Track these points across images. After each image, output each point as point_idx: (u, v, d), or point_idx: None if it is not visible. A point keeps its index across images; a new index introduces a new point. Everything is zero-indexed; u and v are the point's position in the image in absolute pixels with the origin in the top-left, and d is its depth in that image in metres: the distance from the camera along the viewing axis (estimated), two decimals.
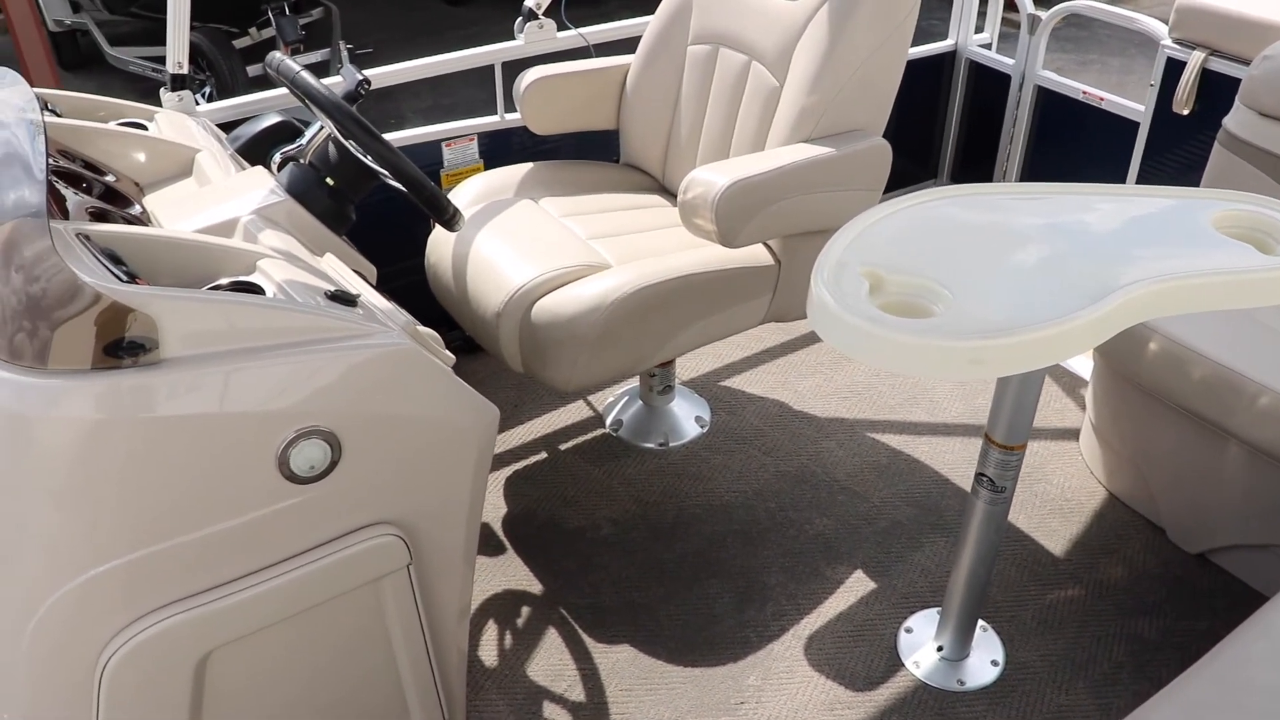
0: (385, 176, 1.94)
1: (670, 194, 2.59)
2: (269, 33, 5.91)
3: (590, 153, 3.00)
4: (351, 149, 1.93)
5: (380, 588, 1.66)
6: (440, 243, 2.35)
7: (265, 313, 1.44)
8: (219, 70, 5.56)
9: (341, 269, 1.75)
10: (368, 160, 1.94)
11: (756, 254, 2.28)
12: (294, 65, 1.84)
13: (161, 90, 2.46)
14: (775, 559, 2.40)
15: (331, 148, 1.96)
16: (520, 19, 2.79)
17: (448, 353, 1.66)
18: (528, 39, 2.79)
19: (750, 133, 2.37)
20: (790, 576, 2.35)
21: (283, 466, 1.47)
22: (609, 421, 2.81)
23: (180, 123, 2.25)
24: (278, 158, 2.30)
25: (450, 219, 1.88)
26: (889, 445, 2.74)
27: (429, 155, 2.80)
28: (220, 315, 1.41)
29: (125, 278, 1.42)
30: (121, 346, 1.36)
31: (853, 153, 2.20)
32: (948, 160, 3.89)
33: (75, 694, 1.51)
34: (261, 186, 1.90)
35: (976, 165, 3.82)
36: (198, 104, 2.51)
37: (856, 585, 2.33)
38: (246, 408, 1.42)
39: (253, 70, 5.62)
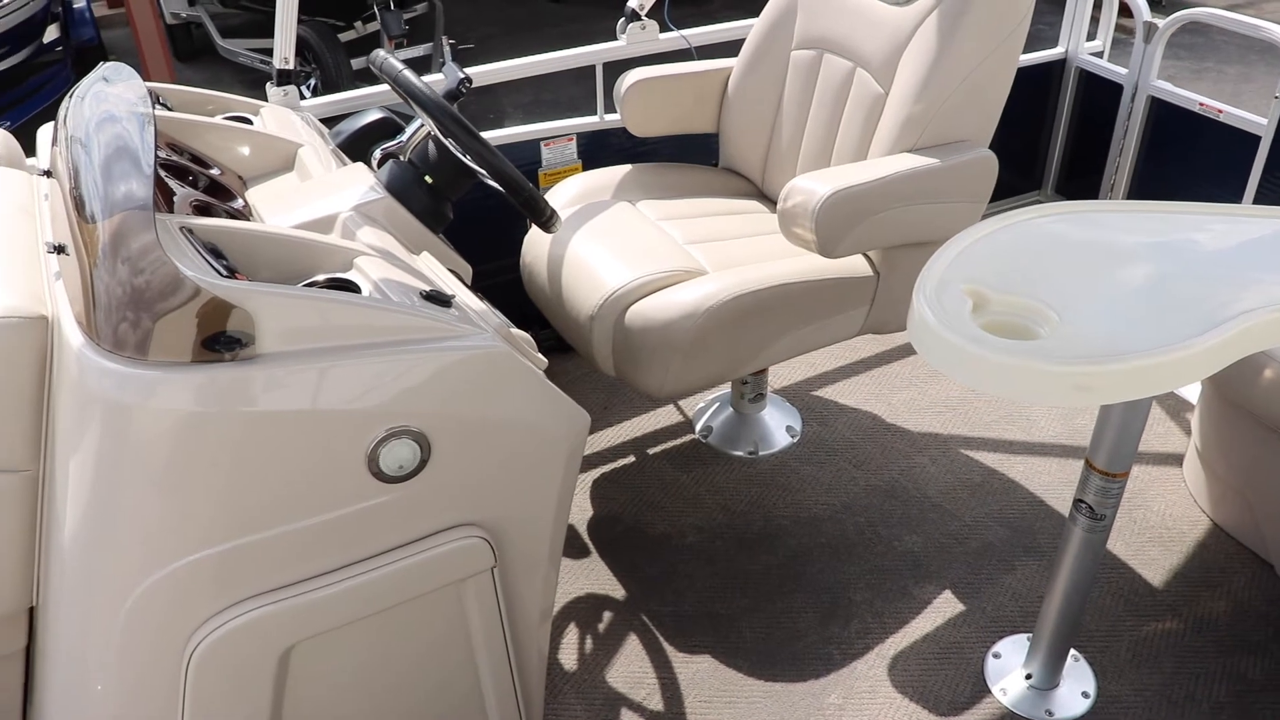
0: (484, 176, 1.94)
1: (769, 200, 2.56)
2: (374, 27, 6.00)
3: (688, 156, 2.98)
4: (451, 148, 1.93)
5: (464, 589, 1.66)
6: (536, 243, 2.35)
7: (360, 311, 1.44)
8: (324, 63, 5.65)
9: (437, 268, 1.75)
10: (467, 160, 1.94)
11: (855, 264, 2.23)
12: (396, 63, 1.85)
13: (267, 85, 2.50)
14: (862, 575, 2.35)
15: (431, 146, 1.96)
16: (623, 19, 2.78)
17: (540, 356, 1.65)
18: (630, 40, 2.78)
19: (853, 141, 2.33)
20: (877, 594, 2.31)
21: (372, 465, 1.47)
22: (699, 428, 2.78)
23: (284, 117, 2.28)
24: (378, 154, 2.32)
25: (547, 221, 1.87)
26: (983, 463, 2.67)
27: (527, 154, 2.81)
28: (316, 312, 1.42)
29: (225, 272, 1.44)
30: (219, 341, 1.38)
31: (958, 164, 2.15)
32: (1052, 172, 3.80)
33: (163, 678, 1.54)
34: (361, 183, 1.91)
35: (1082, 178, 3.72)
36: (302, 98, 2.54)
37: (944, 606, 2.28)
38: (339, 405, 1.43)
39: (357, 64, 5.70)
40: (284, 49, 2.44)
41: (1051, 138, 3.74)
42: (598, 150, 2.89)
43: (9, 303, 1.54)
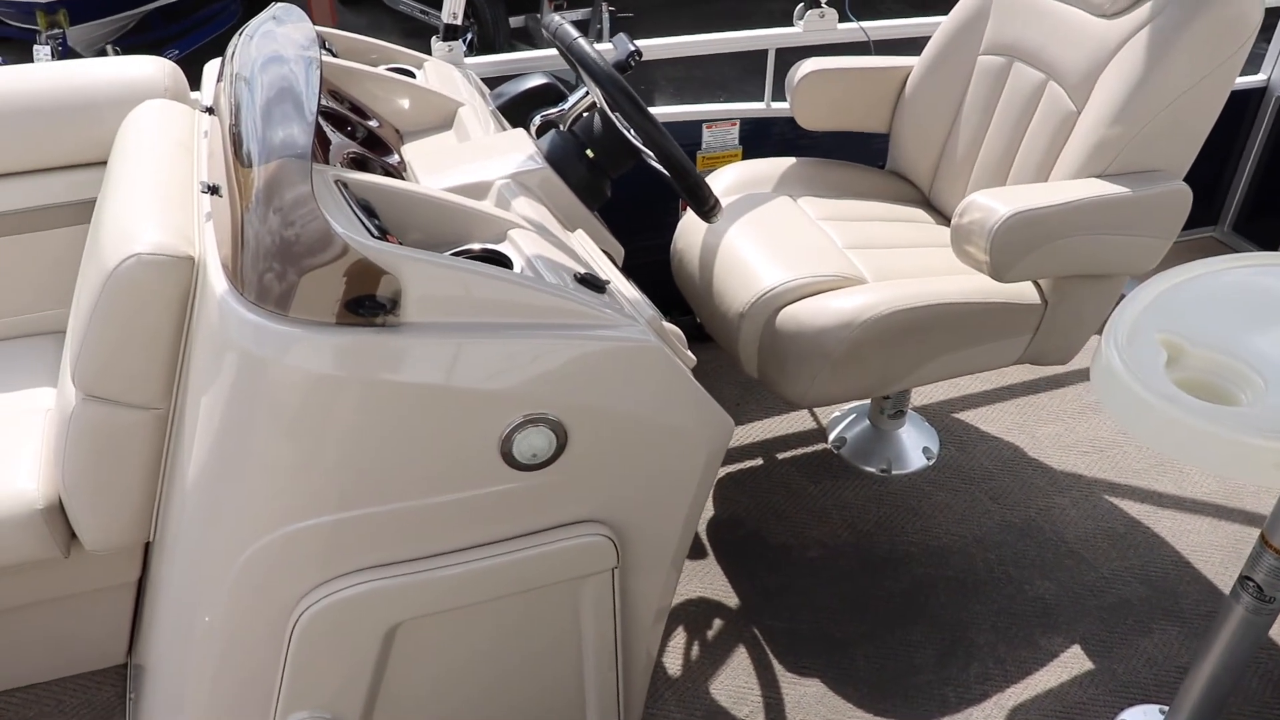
0: (647, 156, 1.86)
1: (935, 210, 2.43)
2: None
3: (850, 153, 2.86)
4: (617, 124, 1.85)
5: (581, 586, 1.60)
6: (690, 230, 2.26)
7: (512, 289, 1.38)
8: (483, 19, 5.64)
9: (592, 249, 1.68)
10: (632, 137, 1.86)
11: (1022, 290, 2.10)
12: (571, 30, 1.77)
13: (433, 39, 2.45)
14: (988, 616, 2.23)
15: (596, 120, 1.89)
16: (801, 5, 2.67)
17: (689, 354, 1.57)
18: (807, 27, 2.67)
19: (1035, 159, 2.19)
20: (1001, 638, 2.18)
21: (505, 450, 1.41)
22: (832, 438, 2.68)
23: (447, 74, 2.23)
24: (537, 120, 2.26)
25: (710, 210, 1.78)
26: (1128, 513, 2.51)
27: (688, 135, 2.72)
28: (466, 285, 1.36)
29: (377, 233, 1.38)
30: (364, 304, 1.33)
31: (1150, 196, 1.99)
32: (1233, 209, 3.57)
33: (268, 637, 1.51)
34: (520, 150, 1.84)
35: (1269, 216, 3.48)
36: (465, 55, 2.49)
37: (1072, 661, 2.14)
38: (479, 385, 1.36)
39: (514, 22, 5.67)
40: (454, 4, 2.38)
41: (1237, 171, 3.51)
42: (758, 138, 2.79)
43: (157, 239, 1.51)
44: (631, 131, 1.86)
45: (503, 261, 1.50)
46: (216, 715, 1.60)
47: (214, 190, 1.57)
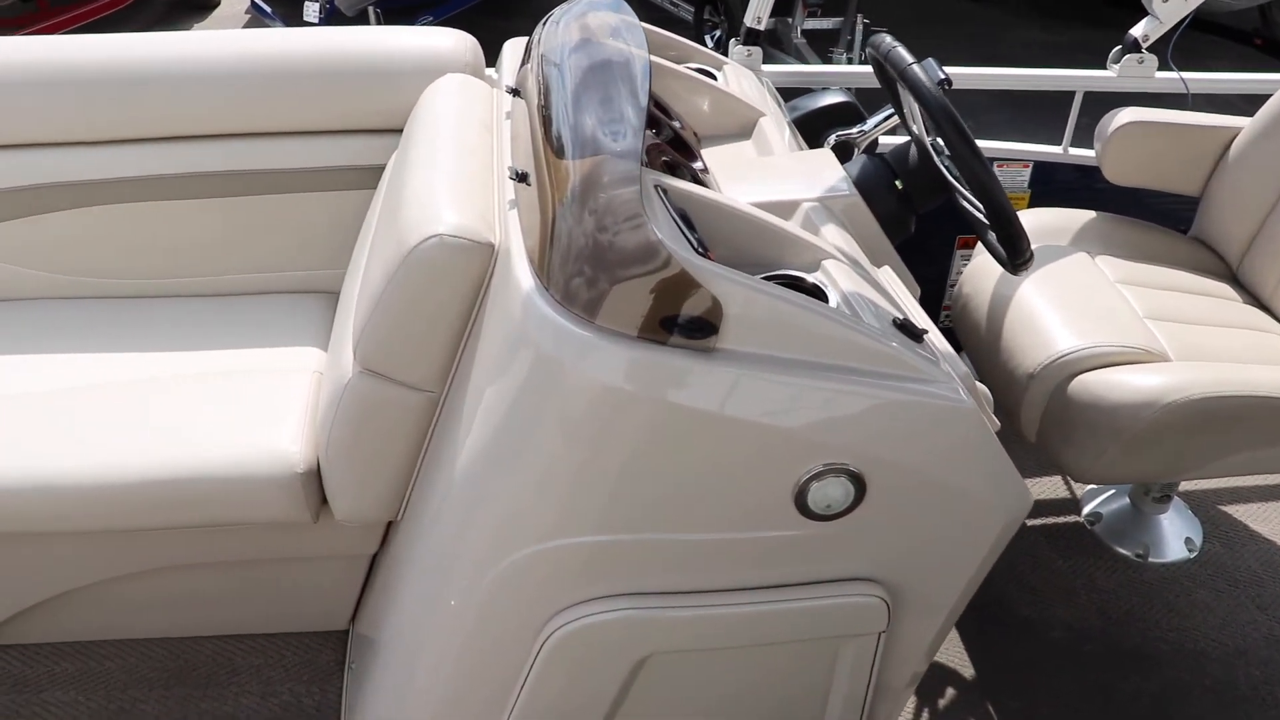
0: (959, 195, 1.75)
1: (1243, 288, 2.23)
2: None
3: (1145, 212, 2.66)
4: (935, 157, 1.75)
5: (843, 644, 1.50)
6: (980, 275, 2.13)
7: (834, 327, 1.29)
8: (735, 18, 5.55)
9: (900, 290, 1.58)
10: (947, 172, 1.75)
11: None
12: (905, 54, 1.67)
13: (732, 42, 2.38)
14: None
15: (913, 149, 1.78)
16: (1118, 49, 2.49)
17: (994, 418, 1.45)
18: (1123, 72, 2.49)
19: None
20: None
21: (798, 496, 1.33)
22: (1085, 511, 2.50)
23: (747, 80, 2.16)
24: (833, 139, 2.17)
25: (1023, 263, 1.65)
26: None
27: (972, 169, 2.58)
28: (788, 317, 1.28)
29: (699, 247, 1.32)
30: (679, 323, 1.26)
31: None
32: None
33: (513, 648, 1.47)
34: (828, 172, 1.76)
35: None
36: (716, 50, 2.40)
37: None
38: (782, 424, 1.28)
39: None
40: (760, 8, 2.31)
41: None
42: (1047, 183, 2.63)
43: (459, 223, 1.48)
44: (954, 168, 1.76)
45: (817, 294, 1.41)
46: (445, 706, 1.58)
47: (522, 177, 1.54)
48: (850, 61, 5.13)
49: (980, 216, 1.71)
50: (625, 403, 1.27)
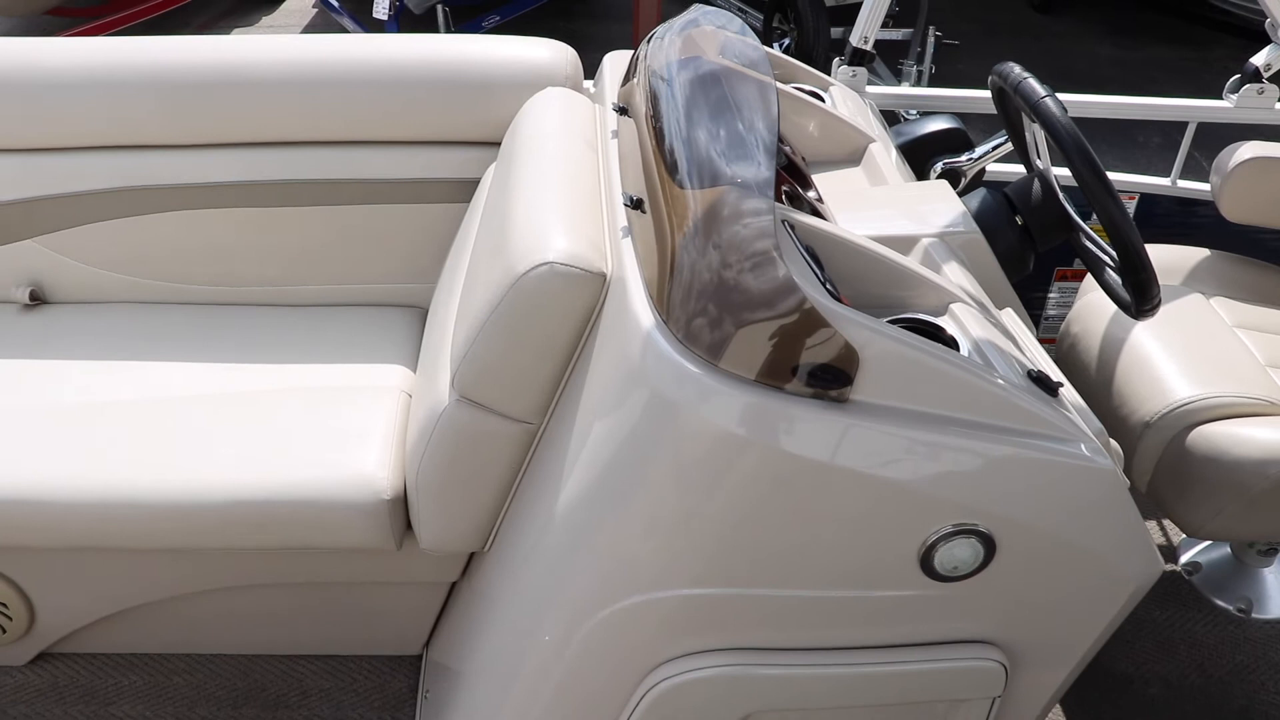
0: (1083, 235, 1.66)
1: None
2: None
3: (1258, 250, 2.55)
4: (1060, 195, 1.66)
5: (954, 708, 1.43)
6: (1092, 314, 2.03)
7: (970, 380, 1.21)
8: (805, 27, 5.45)
9: (1026, 336, 1.49)
10: (1072, 211, 1.67)
11: None
12: (1038, 86, 1.58)
13: (835, 61, 2.30)
14: None
15: (1036, 185, 1.70)
16: (1237, 78, 2.39)
17: (1125, 475, 1.36)
18: (1240, 103, 2.38)
19: None
20: None
21: (924, 556, 1.25)
22: (1183, 560, 2.40)
23: (855, 103, 2.08)
24: (939, 167, 2.09)
25: (1150, 309, 1.56)
26: None
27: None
28: (925, 369, 1.20)
29: (832, 289, 1.24)
30: (808, 370, 1.19)
31: None
32: None
33: (611, 697, 1.41)
34: (946, 205, 1.68)
35: None
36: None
37: None
38: (911, 482, 1.21)
39: (835, 33, 5.46)
40: (867, 27, 2.23)
41: None
42: (1151, 217, 2.52)
43: (571, 250, 1.42)
44: (1082, 207, 1.67)
45: (945, 340, 1.33)
46: None
47: (637, 204, 1.47)
48: (920, 74, 5.03)
49: (1105, 257, 1.63)
50: (744, 450, 1.20)
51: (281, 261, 2.10)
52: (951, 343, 1.32)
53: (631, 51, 2.03)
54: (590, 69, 2.12)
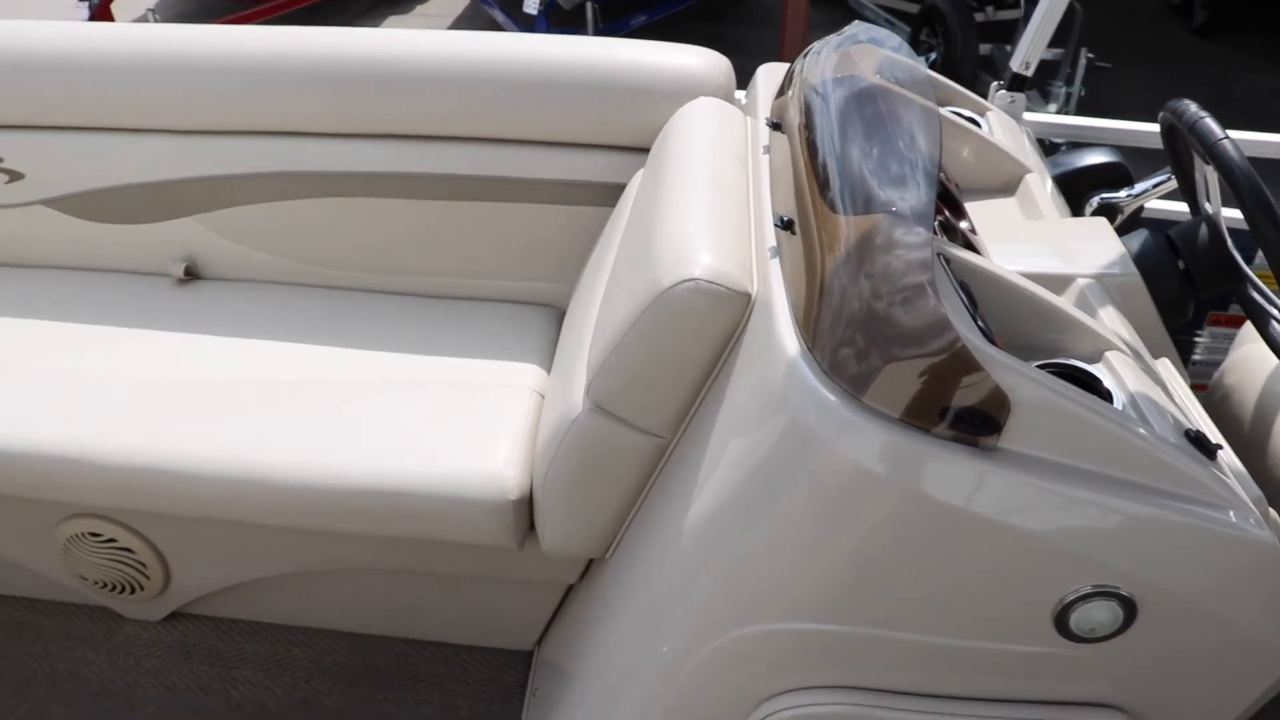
0: (1251, 285, 1.59)
1: None
2: (1005, 14, 5.58)
3: None
4: (1228, 241, 1.59)
5: None
6: (1250, 365, 1.94)
7: (1124, 436, 1.17)
8: (953, 41, 5.33)
9: (1184, 391, 1.43)
10: (1239, 259, 1.60)
11: None
12: (1216, 127, 1.50)
13: (993, 85, 2.24)
14: None
15: (1203, 229, 1.63)
16: None
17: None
18: None
19: None
20: None
21: (1059, 614, 1.21)
22: None
23: (1012, 130, 2.02)
24: (1095, 202, 2.02)
25: None
26: None
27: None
28: (1078, 421, 1.16)
29: (984, 328, 1.21)
30: (956, 413, 1.15)
31: None
32: None
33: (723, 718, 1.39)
34: (1104, 245, 1.62)
35: None
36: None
37: None
38: (1053, 537, 1.17)
39: (983, 49, 5.35)
40: (1030, 52, 2.16)
41: None
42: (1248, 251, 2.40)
43: (718, 267, 1.41)
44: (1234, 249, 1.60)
45: (1099, 390, 1.29)
46: None
47: (788, 225, 1.45)
48: (1069, 96, 4.88)
49: (1272, 310, 1.55)
50: (882, 490, 1.18)
51: (423, 253, 2.13)
52: (1106, 394, 1.28)
53: (786, 64, 2.01)
54: (736, 72, 2.10)
